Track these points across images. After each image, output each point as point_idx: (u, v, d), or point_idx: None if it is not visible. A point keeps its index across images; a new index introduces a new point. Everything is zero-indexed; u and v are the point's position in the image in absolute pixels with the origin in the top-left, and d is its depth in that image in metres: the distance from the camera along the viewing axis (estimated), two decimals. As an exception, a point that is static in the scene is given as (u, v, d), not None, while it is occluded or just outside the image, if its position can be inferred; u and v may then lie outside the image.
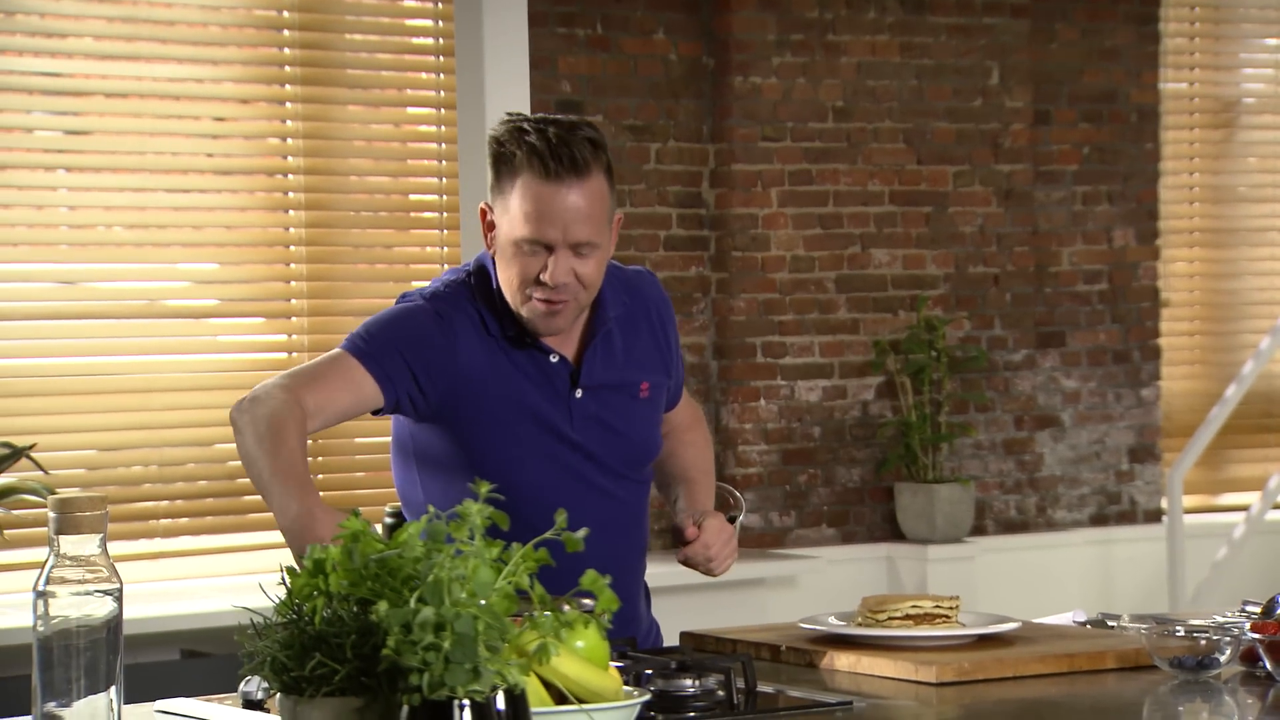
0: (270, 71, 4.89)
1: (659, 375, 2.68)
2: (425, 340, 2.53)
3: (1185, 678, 2.45)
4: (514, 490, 2.45)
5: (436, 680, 1.69)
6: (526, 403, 2.57)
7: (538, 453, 2.57)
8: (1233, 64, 6.08)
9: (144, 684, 2.85)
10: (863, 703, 2.36)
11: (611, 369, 2.63)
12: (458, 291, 2.58)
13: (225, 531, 4.82)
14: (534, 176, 2.48)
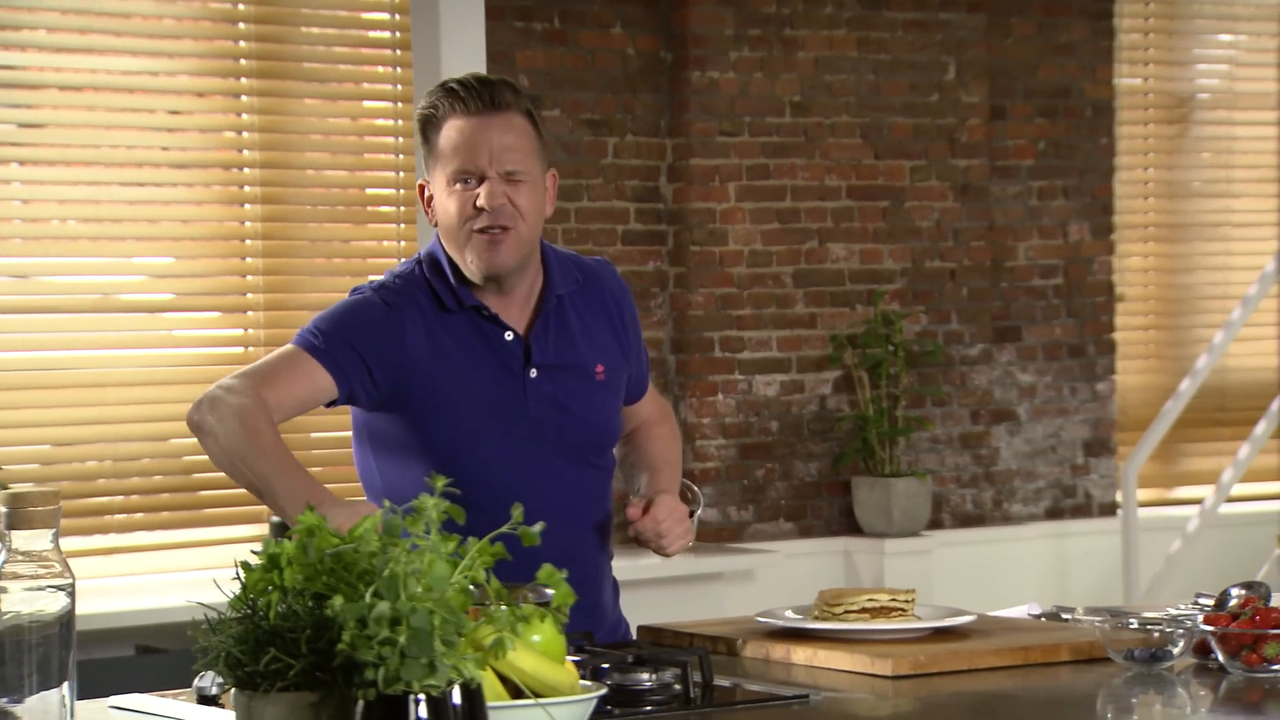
0: (226, 65, 4.87)
1: (615, 359, 2.69)
2: (374, 329, 2.58)
3: (1139, 670, 2.47)
4: (468, 472, 2.50)
5: (392, 675, 1.69)
6: (480, 383, 2.59)
7: (492, 432, 2.59)
8: (1186, 59, 6.12)
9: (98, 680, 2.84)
10: (819, 696, 2.37)
11: (565, 349, 2.65)
12: (408, 278, 2.63)
13: (180, 527, 4.80)
14: (458, 116, 2.58)
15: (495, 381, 2.60)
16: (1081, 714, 2.38)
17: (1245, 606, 2.47)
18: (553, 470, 2.62)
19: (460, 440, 2.58)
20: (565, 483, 2.63)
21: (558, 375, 2.63)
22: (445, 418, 2.58)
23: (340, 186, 5.02)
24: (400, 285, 2.62)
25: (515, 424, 2.60)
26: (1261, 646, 2.41)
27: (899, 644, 2.56)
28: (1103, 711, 2.39)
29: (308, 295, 4.96)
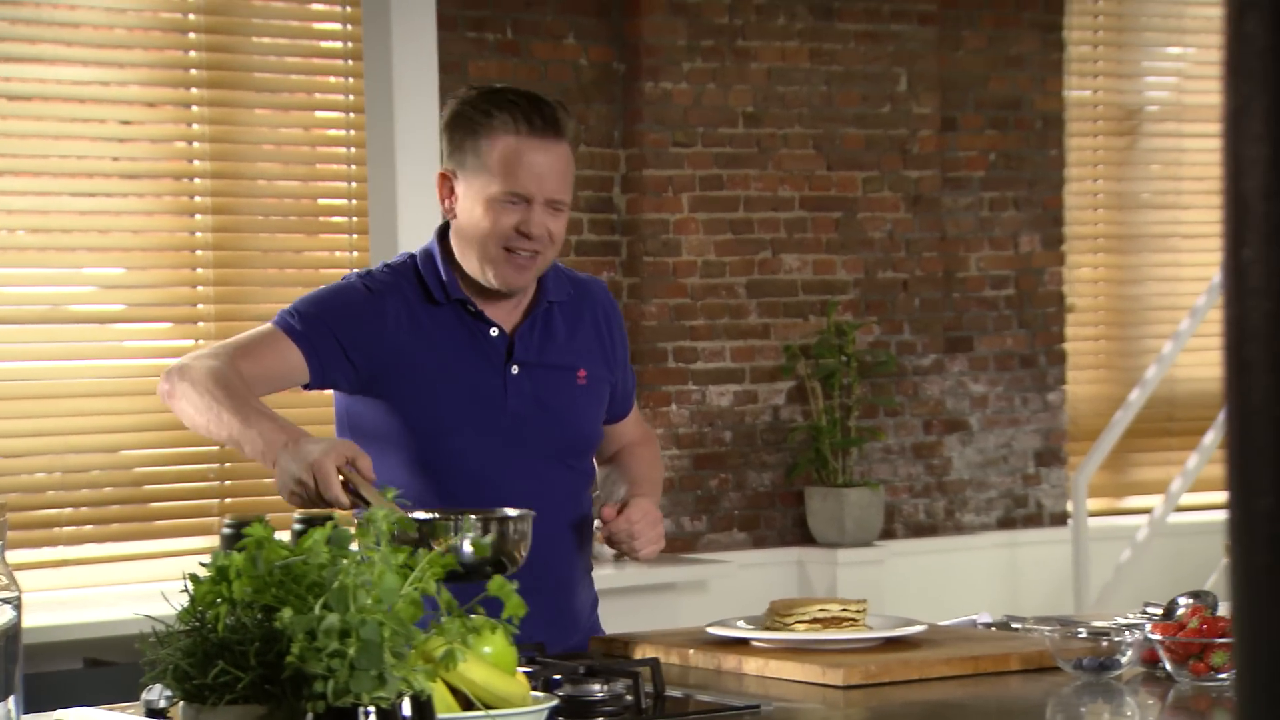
0: (176, 75, 4.84)
1: (599, 367, 2.73)
2: (353, 314, 2.60)
3: (1087, 679, 2.48)
4: (444, 461, 2.56)
5: (341, 687, 1.69)
6: (461, 373, 2.62)
7: (469, 423, 2.61)
8: (1135, 72, 6.17)
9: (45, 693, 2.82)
10: (770, 706, 2.37)
11: (549, 349, 2.68)
12: (398, 269, 2.66)
13: (130, 539, 4.77)
14: (514, 134, 2.58)
15: (476, 374, 2.63)
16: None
17: (1193, 616, 2.49)
18: (528, 467, 2.64)
19: (437, 429, 2.60)
20: (540, 480, 2.64)
21: (538, 373, 2.66)
22: (424, 405, 2.60)
23: (292, 197, 5.00)
24: (388, 274, 2.65)
25: (493, 417, 2.63)
26: (1209, 655, 2.43)
27: (850, 654, 2.57)
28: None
29: (259, 306, 4.94)
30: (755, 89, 5.46)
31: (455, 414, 2.61)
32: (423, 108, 4.93)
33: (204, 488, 4.85)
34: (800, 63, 5.52)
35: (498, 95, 2.62)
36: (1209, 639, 2.42)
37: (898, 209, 5.69)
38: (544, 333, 2.68)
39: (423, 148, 4.97)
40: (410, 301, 2.63)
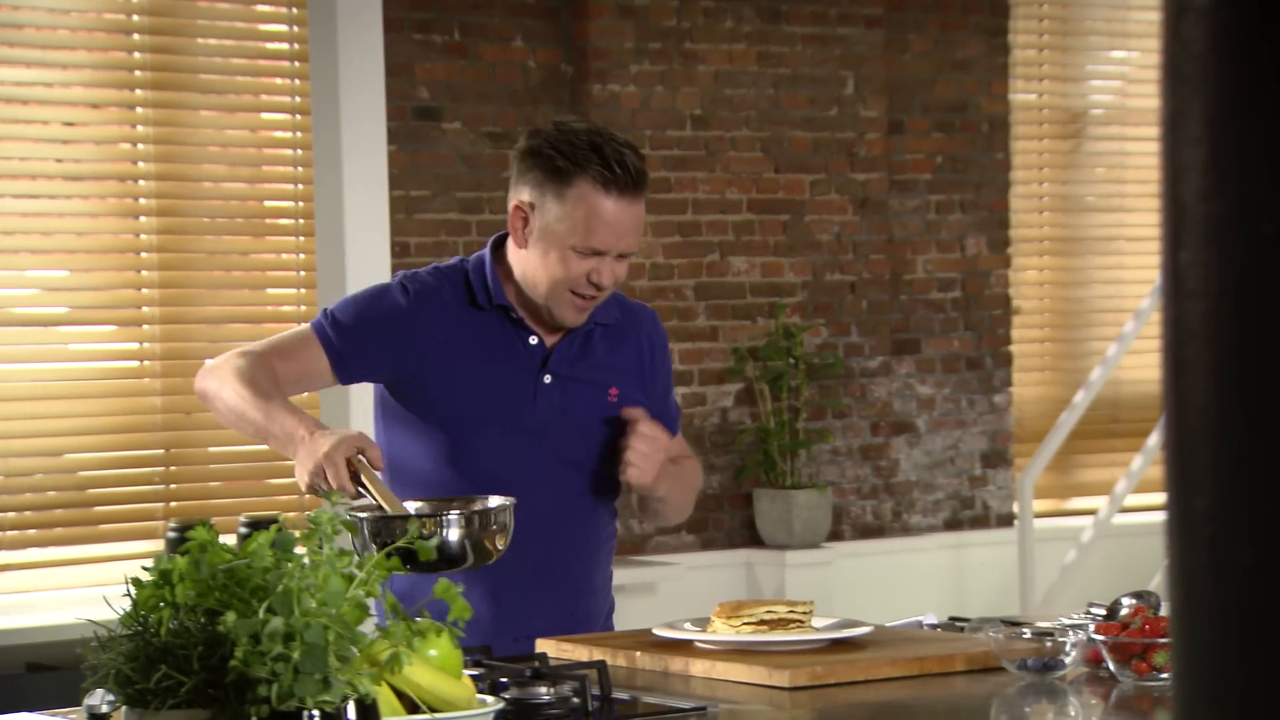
0: (120, 76, 4.81)
1: (632, 391, 2.79)
2: (386, 324, 2.69)
3: (1032, 679, 2.50)
4: (467, 459, 2.66)
5: (285, 691, 1.68)
6: (493, 376, 2.70)
7: (496, 425, 2.69)
8: (1080, 75, 6.21)
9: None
10: (717, 708, 2.37)
11: (583, 364, 2.76)
12: (446, 272, 2.75)
13: (74, 543, 4.73)
14: (601, 190, 2.66)
15: (509, 378, 2.71)
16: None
17: (1135, 616, 2.50)
18: (549, 474, 2.71)
19: (463, 426, 2.68)
20: (560, 489, 2.72)
21: (570, 386, 2.74)
22: (453, 402, 2.68)
23: (238, 199, 4.98)
24: (431, 278, 2.73)
25: (520, 422, 2.70)
26: (1151, 655, 2.45)
27: (796, 655, 2.58)
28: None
29: (205, 308, 4.91)
30: (703, 91, 5.47)
31: (483, 413, 2.69)
32: (369, 109, 4.92)
33: (148, 491, 4.82)
34: (748, 65, 5.53)
35: (585, 142, 2.66)
36: (1151, 639, 2.44)
37: (845, 211, 5.70)
38: (583, 349, 2.76)
39: (369, 149, 4.95)
40: (451, 305, 2.71)
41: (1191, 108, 1.01)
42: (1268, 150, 0.98)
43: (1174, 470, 1.03)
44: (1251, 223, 0.99)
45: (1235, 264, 1.00)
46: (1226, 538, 1.00)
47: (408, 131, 5.11)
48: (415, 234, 5.13)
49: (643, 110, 5.40)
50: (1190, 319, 1.02)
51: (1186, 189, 1.01)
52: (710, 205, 5.52)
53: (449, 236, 5.19)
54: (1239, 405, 1.00)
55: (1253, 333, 0.99)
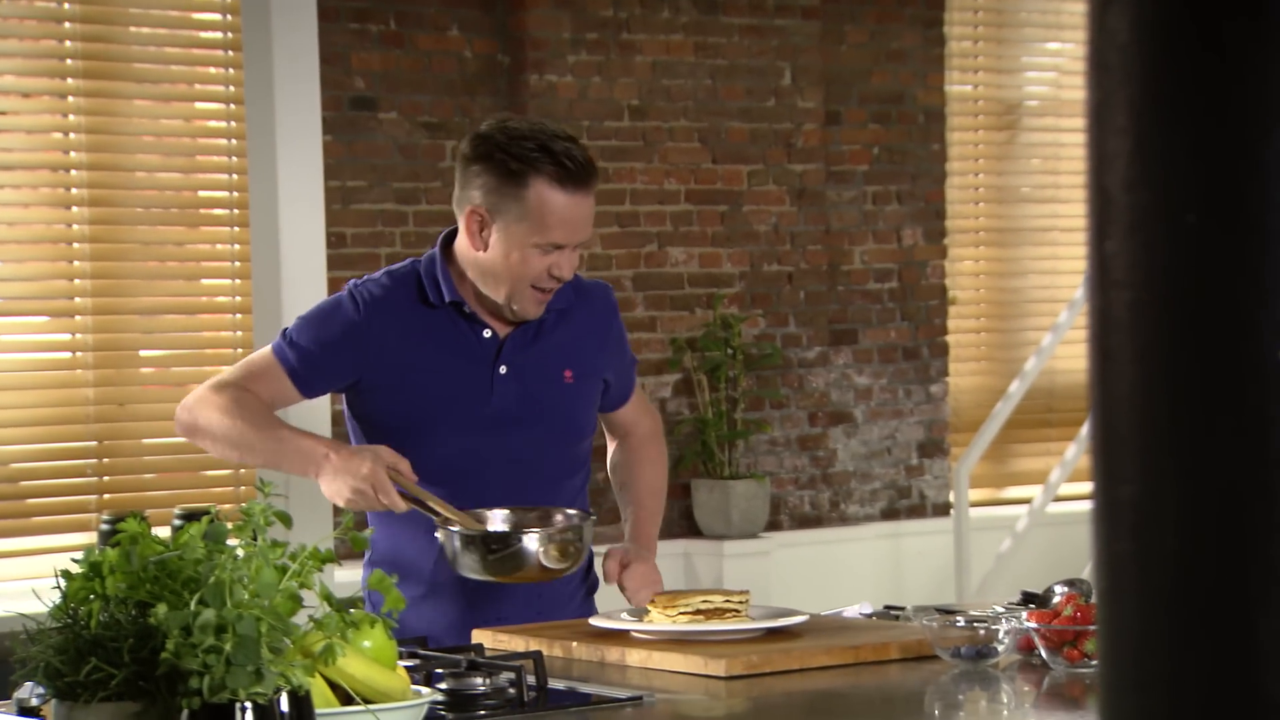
0: (52, 65, 4.76)
1: (588, 368, 2.88)
2: (342, 330, 2.78)
3: (965, 667, 2.51)
4: (430, 451, 2.74)
5: (218, 683, 1.67)
6: (448, 372, 2.79)
7: (455, 417, 2.77)
8: (1015, 67, 6.24)
9: (-83, 694, 2.76)
10: (654, 697, 2.38)
11: (536, 350, 2.83)
12: (398, 275, 2.83)
13: (6, 535, 4.69)
14: (557, 187, 2.74)
15: (464, 372, 2.79)
16: (910, 711, 2.42)
17: (1067, 603, 2.52)
18: (512, 462, 2.79)
19: (423, 422, 2.76)
20: (522, 474, 2.80)
21: (525, 374, 2.81)
22: (411, 400, 2.77)
23: (172, 189, 4.94)
24: (382, 283, 2.82)
25: (479, 413, 2.78)
26: (1082, 642, 2.47)
27: (732, 645, 2.58)
28: (930, 708, 2.43)
29: (138, 299, 4.87)
30: (640, 82, 5.47)
31: (441, 409, 2.77)
32: (304, 99, 4.89)
33: (81, 483, 4.78)
34: (685, 56, 5.53)
35: (533, 144, 2.74)
36: (1083, 626, 2.46)
37: (783, 202, 5.72)
38: (535, 336, 2.84)
39: (304, 139, 4.92)
40: (403, 307, 2.80)
41: (1116, 98, 1.01)
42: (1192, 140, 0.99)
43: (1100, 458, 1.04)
44: (1176, 212, 1.00)
45: (1160, 253, 1.01)
46: (1151, 525, 1.01)
47: (343, 122, 5.08)
48: (351, 224, 5.11)
49: (580, 101, 5.39)
50: (1116, 308, 1.02)
51: (1112, 179, 1.02)
52: (648, 196, 5.52)
53: (385, 227, 5.17)
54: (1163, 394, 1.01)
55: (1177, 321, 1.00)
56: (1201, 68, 0.99)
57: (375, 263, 5.17)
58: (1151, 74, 1.01)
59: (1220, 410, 1.00)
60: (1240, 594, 0.99)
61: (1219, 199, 0.99)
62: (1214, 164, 0.99)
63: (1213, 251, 0.99)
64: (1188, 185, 1.00)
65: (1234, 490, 0.99)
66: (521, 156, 2.72)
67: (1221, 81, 0.98)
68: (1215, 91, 0.99)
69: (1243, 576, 0.99)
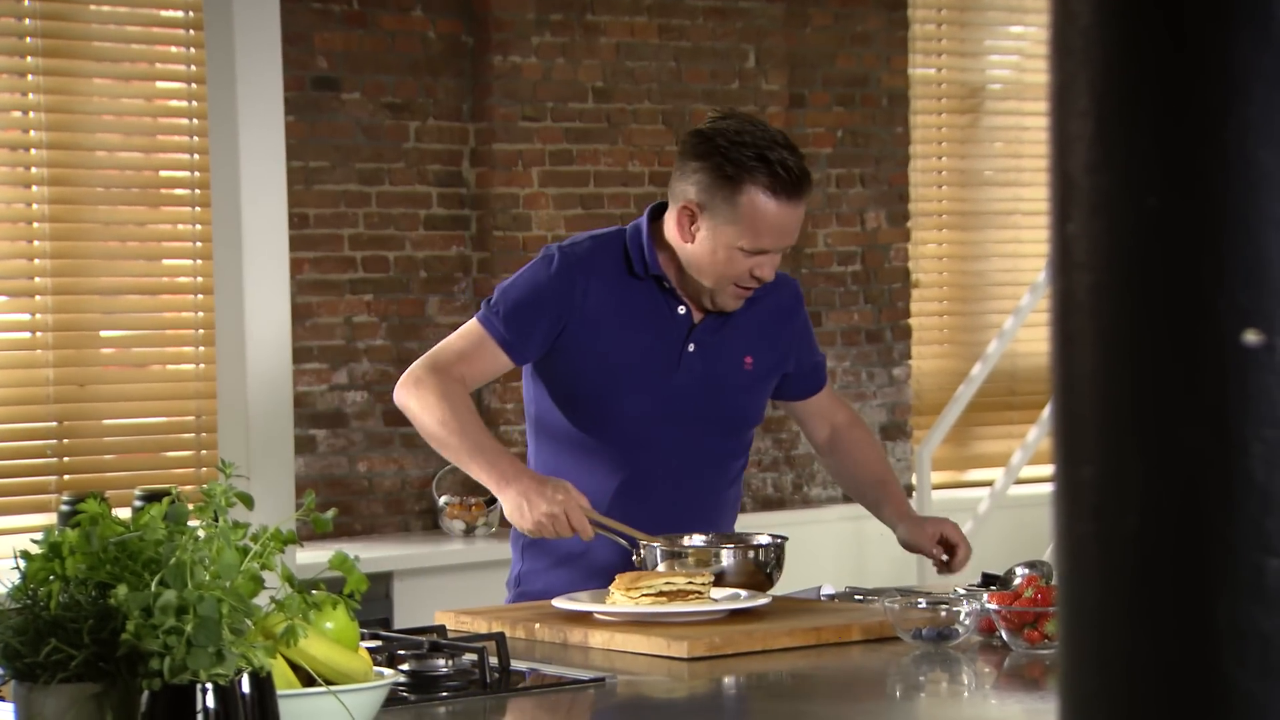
0: (11, 42, 4.73)
1: (769, 357, 2.98)
2: (547, 292, 2.86)
3: (927, 648, 2.52)
4: (609, 418, 2.86)
5: (178, 664, 1.66)
6: (640, 342, 2.88)
7: (638, 389, 2.87)
8: (978, 51, 6.26)
9: (-125, 676, 2.74)
10: (616, 679, 2.38)
11: (724, 334, 2.93)
12: (604, 240, 2.92)
13: (-35, 517, 4.66)
14: (770, 195, 2.82)
15: (655, 344, 2.89)
16: (872, 692, 2.43)
17: (1028, 585, 2.54)
18: (684, 437, 2.88)
19: (612, 389, 2.86)
20: (693, 450, 2.89)
21: (710, 355, 2.91)
22: (603, 366, 2.86)
23: (133, 168, 4.91)
24: (588, 247, 2.91)
25: (661, 386, 2.88)
26: (1043, 624, 2.48)
27: (695, 626, 2.59)
28: (892, 689, 2.44)
29: (98, 279, 4.84)
30: (604, 64, 5.46)
31: (630, 377, 2.86)
32: (265, 79, 4.86)
33: (41, 464, 4.75)
34: (649, 38, 5.53)
35: (752, 153, 2.81)
36: (1043, 608, 2.47)
37: (746, 185, 5.71)
38: (725, 319, 2.92)
39: (266, 119, 4.90)
40: (606, 272, 2.88)
41: (1078, 80, 1.02)
42: (1153, 123, 0.99)
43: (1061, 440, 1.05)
44: (1138, 195, 1.00)
45: (1122, 236, 1.01)
46: (1112, 506, 1.01)
47: (306, 102, 5.06)
48: (314, 205, 5.09)
49: (544, 82, 5.38)
50: (1077, 290, 1.03)
51: (1074, 161, 1.03)
52: (612, 178, 5.52)
53: (348, 208, 5.15)
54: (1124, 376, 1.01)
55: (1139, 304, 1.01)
56: (1163, 50, 0.99)
57: (338, 244, 5.15)
58: (1113, 57, 1.01)
59: (1181, 392, 1.00)
60: (1200, 575, 0.99)
61: (1180, 182, 0.99)
62: (1176, 147, 0.99)
63: (1174, 234, 1.00)
64: (1149, 168, 1.00)
65: (1194, 472, 1.00)
66: (739, 162, 2.81)
67: (1183, 64, 0.99)
68: (1177, 74, 0.99)
69: (1202, 557, 0.99)
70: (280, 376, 4.92)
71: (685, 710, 2.41)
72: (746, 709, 2.39)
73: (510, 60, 5.32)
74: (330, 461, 5.10)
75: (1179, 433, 1.00)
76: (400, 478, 5.21)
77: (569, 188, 5.45)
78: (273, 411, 4.90)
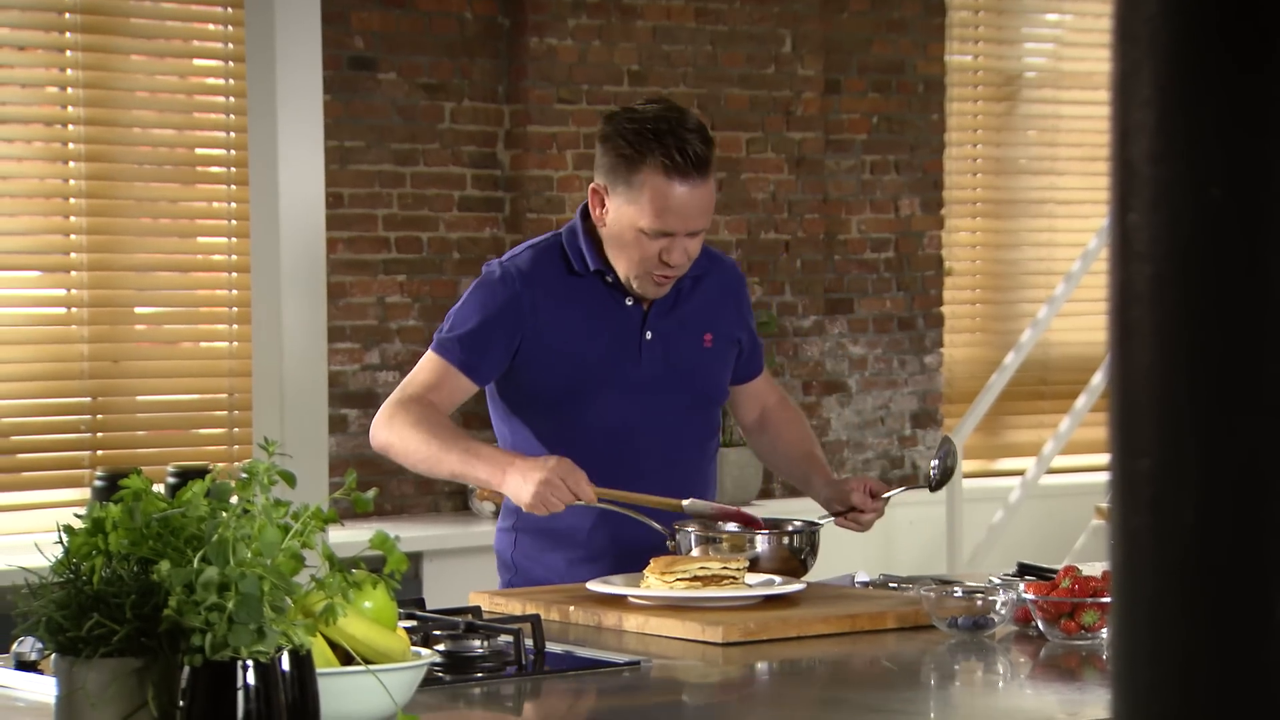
0: (50, 18, 4.74)
1: (724, 334, 2.98)
2: (502, 303, 2.86)
3: (962, 637, 2.52)
4: (584, 418, 2.85)
5: (220, 641, 1.67)
6: (599, 339, 2.88)
7: (607, 384, 2.87)
8: (1015, 38, 6.23)
9: (-88, 648, 2.75)
10: (650, 662, 2.38)
11: (679, 316, 2.92)
12: (543, 248, 2.91)
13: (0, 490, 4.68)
14: (663, 175, 2.78)
15: (614, 339, 2.88)
16: (906, 680, 2.42)
17: (1065, 575, 2.53)
18: (661, 421, 2.89)
19: (579, 390, 2.85)
20: (671, 432, 2.90)
21: (670, 339, 2.91)
22: (566, 370, 2.85)
23: (168, 146, 4.92)
24: (528, 256, 2.89)
25: (629, 377, 2.88)
26: (1079, 614, 2.47)
27: (729, 611, 2.59)
28: (927, 678, 2.43)
29: (133, 255, 4.86)
30: (640, 47, 5.45)
31: (595, 375, 2.86)
32: (304, 58, 4.87)
33: (75, 439, 4.77)
34: (686, 22, 5.51)
35: (649, 129, 2.79)
36: (1080, 598, 2.47)
37: (781, 170, 5.70)
38: (675, 303, 2.92)
39: (304, 98, 4.90)
40: (551, 278, 2.87)
41: (1142, 69, 1.01)
42: (1217, 112, 0.99)
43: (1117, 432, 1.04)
44: (1200, 185, 0.99)
45: (1183, 227, 1.00)
46: (1168, 499, 1.01)
47: (342, 81, 5.06)
48: (349, 185, 5.09)
49: (580, 65, 5.37)
50: (1137, 281, 1.02)
51: (1135, 151, 1.02)
52: (646, 161, 5.50)
53: (383, 188, 5.16)
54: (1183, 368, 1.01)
55: (1198, 296, 1.00)
56: (1229, 39, 0.99)
57: (372, 224, 5.16)
58: (1178, 45, 1.00)
59: (1240, 384, 0.99)
60: (1256, 568, 0.99)
61: (1244, 172, 0.98)
62: (1240, 137, 0.98)
63: (1237, 225, 0.99)
64: (1213, 158, 0.99)
65: (1252, 464, 0.99)
66: (635, 143, 2.78)
67: (1250, 54, 0.98)
68: (1243, 63, 0.98)
69: (1259, 551, 0.99)
70: (315, 356, 4.93)
71: (720, 695, 2.41)
72: (781, 695, 2.38)
73: (546, 42, 5.31)
74: (361, 441, 5.11)
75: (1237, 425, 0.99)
76: (431, 458, 5.22)
77: (603, 171, 5.44)
78: (307, 390, 4.91)
